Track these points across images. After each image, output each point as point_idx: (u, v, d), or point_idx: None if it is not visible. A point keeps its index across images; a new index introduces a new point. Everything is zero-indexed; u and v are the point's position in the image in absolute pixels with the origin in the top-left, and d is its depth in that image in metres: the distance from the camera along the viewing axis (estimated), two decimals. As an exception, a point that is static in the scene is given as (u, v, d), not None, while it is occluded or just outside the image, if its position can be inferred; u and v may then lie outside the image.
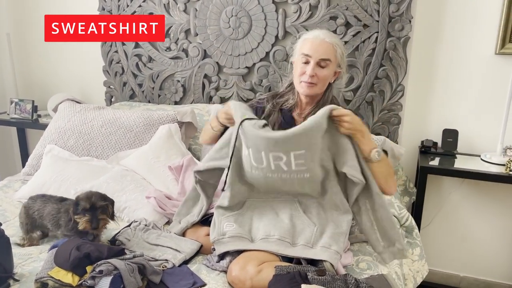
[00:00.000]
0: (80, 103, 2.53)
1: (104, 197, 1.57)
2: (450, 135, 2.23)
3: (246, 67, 2.46)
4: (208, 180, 1.69)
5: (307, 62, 1.59)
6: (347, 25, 2.23)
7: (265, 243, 1.48)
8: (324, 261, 1.43)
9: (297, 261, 1.48)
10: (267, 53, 2.40)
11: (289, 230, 1.51)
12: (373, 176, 1.48)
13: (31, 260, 1.54)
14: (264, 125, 1.48)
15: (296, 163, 1.43)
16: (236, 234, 1.52)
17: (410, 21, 2.13)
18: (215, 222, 1.58)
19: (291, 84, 1.72)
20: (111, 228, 1.74)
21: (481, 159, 2.18)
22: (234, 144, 1.52)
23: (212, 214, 1.72)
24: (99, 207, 1.54)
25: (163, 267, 1.48)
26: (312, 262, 1.52)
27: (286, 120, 1.69)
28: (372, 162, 1.47)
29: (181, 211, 1.77)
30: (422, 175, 2.10)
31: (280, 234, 1.49)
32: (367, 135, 1.47)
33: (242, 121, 1.48)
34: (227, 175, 1.59)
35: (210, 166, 1.63)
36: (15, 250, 1.55)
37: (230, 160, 1.54)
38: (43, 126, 2.68)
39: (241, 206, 1.62)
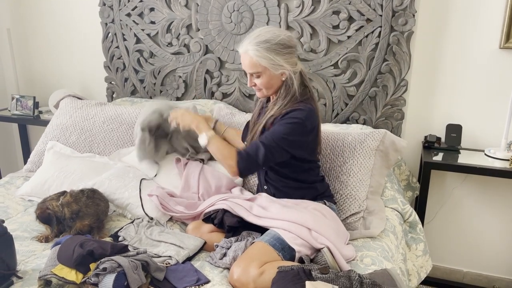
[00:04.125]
0: (81, 99, 2.52)
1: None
2: (454, 130, 2.21)
3: (248, 62, 2.44)
4: None
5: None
6: (350, 19, 2.21)
7: None
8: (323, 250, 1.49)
9: (300, 260, 1.48)
10: (269, 48, 2.38)
11: None
12: None
13: (34, 257, 1.54)
14: None
15: None
16: None
17: (413, 15, 2.11)
18: None
19: None
20: (114, 227, 1.74)
21: (485, 154, 2.16)
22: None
23: (215, 211, 1.72)
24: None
25: (166, 264, 1.47)
26: (315, 259, 1.52)
27: (263, 110, 1.80)
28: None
29: None
30: (425, 171, 2.09)
31: None
32: (200, 127, 1.76)
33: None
34: None
35: None
36: (18, 247, 1.55)
37: None
38: (45, 123, 2.67)
39: None
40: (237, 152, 1.63)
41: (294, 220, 1.55)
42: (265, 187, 1.80)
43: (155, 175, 1.98)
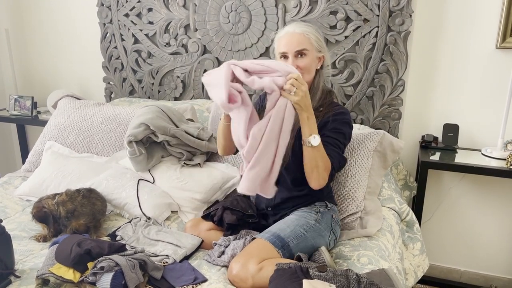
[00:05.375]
0: (79, 99, 2.53)
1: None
2: (451, 130, 2.22)
3: (246, 62, 2.45)
4: None
5: (286, 58, 1.62)
6: (347, 19, 2.22)
7: None
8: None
9: (298, 257, 1.48)
10: (267, 48, 2.39)
11: None
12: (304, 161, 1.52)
13: (32, 256, 1.54)
14: None
15: None
16: None
17: (410, 15, 2.12)
18: None
19: None
20: (112, 226, 1.75)
21: (482, 153, 2.17)
22: None
23: (214, 209, 1.73)
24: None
25: (164, 263, 1.48)
26: (312, 257, 1.52)
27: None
28: (306, 146, 1.49)
29: None
30: (422, 170, 2.10)
31: None
32: (312, 119, 1.48)
33: None
34: None
35: None
36: (16, 246, 1.56)
37: None
38: (43, 123, 2.68)
39: None
40: (332, 164, 1.54)
41: None
42: None
43: (153, 182, 1.98)
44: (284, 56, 1.62)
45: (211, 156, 2.16)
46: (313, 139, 1.47)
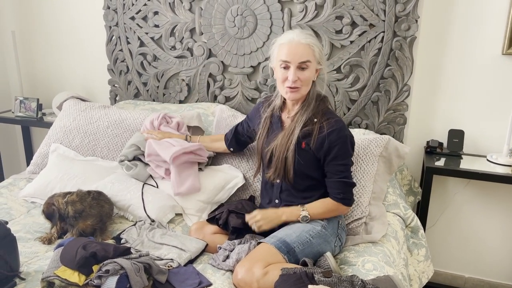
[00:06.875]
0: (85, 100, 2.53)
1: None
2: (456, 136, 2.22)
3: (251, 66, 2.46)
4: None
5: (287, 68, 1.59)
6: (353, 24, 2.22)
7: None
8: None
9: (303, 262, 1.48)
10: (272, 53, 2.39)
11: None
12: None
13: (37, 259, 1.54)
14: None
15: None
16: None
17: (416, 20, 2.12)
18: None
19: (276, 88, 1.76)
20: (117, 229, 1.75)
21: (487, 159, 2.17)
22: None
23: (220, 212, 1.73)
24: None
25: (168, 267, 1.48)
26: (317, 262, 1.52)
27: (274, 124, 1.73)
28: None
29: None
30: (427, 176, 2.09)
31: None
32: (287, 215, 1.63)
33: None
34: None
35: None
36: (21, 248, 1.56)
37: None
38: (48, 125, 2.68)
39: None
40: (336, 200, 1.62)
41: None
42: (276, 201, 1.73)
43: (157, 187, 1.99)
44: (286, 65, 1.58)
45: (213, 160, 2.16)
46: (303, 218, 1.61)
